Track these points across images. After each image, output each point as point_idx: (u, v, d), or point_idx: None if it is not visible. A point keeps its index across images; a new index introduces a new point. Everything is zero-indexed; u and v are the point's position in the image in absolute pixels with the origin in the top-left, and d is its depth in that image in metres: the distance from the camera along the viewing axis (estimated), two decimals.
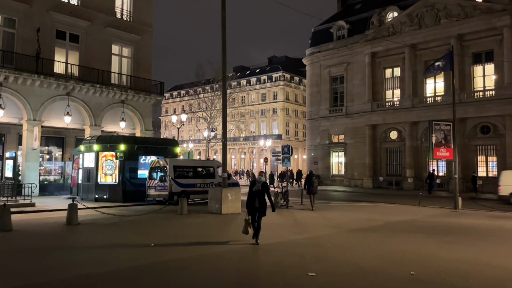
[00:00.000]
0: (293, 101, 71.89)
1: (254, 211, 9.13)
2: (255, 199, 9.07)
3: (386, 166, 35.49)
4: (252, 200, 9.10)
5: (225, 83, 15.26)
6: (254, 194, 9.13)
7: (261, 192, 9.15)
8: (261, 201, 9.16)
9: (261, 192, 9.14)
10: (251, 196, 9.18)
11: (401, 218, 14.24)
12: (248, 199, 9.23)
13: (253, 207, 9.11)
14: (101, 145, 20.48)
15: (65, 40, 24.93)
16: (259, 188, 9.15)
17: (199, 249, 8.35)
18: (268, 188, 9.38)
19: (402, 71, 34.95)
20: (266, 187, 9.30)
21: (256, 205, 9.06)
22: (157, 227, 11.65)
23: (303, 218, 13.99)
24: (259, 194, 9.11)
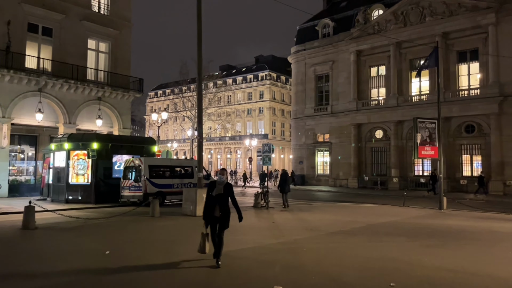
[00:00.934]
0: (280, 100, 71.32)
1: (213, 222, 7.14)
2: (215, 205, 7.03)
3: (371, 165, 35.06)
4: (211, 207, 7.07)
5: (200, 79, 14.45)
6: (214, 200, 7.09)
7: (224, 197, 7.10)
8: (223, 208, 7.07)
9: (223, 197, 7.09)
10: (210, 201, 7.13)
11: (384, 220, 13.61)
12: (206, 206, 7.18)
13: (213, 217, 7.09)
14: (73, 143, 19.43)
15: (37, 34, 23.74)
16: (221, 191, 7.10)
17: (156, 257, 7.50)
18: (233, 191, 7.30)
19: (387, 70, 34.56)
20: (230, 189, 7.22)
21: (216, 214, 7.02)
22: (121, 231, 10.78)
23: (281, 220, 13.26)
24: (221, 199, 7.08)
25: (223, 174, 7.45)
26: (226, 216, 7.16)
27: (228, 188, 7.23)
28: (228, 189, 7.22)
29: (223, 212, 7.11)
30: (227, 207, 7.19)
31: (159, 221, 12.69)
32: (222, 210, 7.08)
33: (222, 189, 7.14)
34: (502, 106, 28.02)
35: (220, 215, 7.08)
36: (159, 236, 10.04)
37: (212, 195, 7.15)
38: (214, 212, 7.05)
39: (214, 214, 7.05)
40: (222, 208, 7.08)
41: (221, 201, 7.09)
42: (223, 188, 7.15)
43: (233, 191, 7.31)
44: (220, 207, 7.05)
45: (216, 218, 7.11)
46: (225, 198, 7.15)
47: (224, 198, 7.13)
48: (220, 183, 7.24)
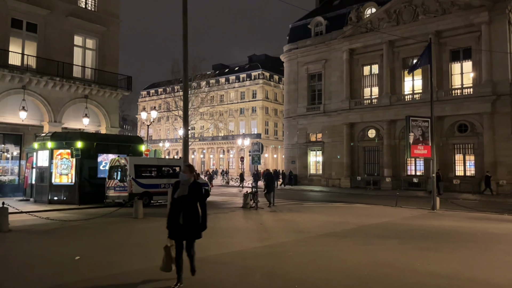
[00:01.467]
0: (273, 99, 70.89)
1: (178, 232, 5.62)
2: (180, 212, 5.57)
3: (364, 165, 34.71)
4: (175, 213, 5.60)
5: (186, 75, 13.92)
6: (178, 204, 5.61)
7: (189, 200, 5.59)
8: (190, 215, 5.58)
9: (188, 200, 5.58)
10: (173, 206, 5.69)
11: (376, 221, 13.18)
12: (170, 213, 5.75)
13: (177, 226, 5.59)
14: (56, 142, 18.81)
15: (21, 30, 23.09)
16: (185, 192, 5.59)
17: (129, 263, 6.95)
18: (201, 192, 5.79)
19: (380, 68, 34.23)
20: (196, 190, 5.67)
21: (181, 222, 5.55)
22: (100, 234, 10.23)
23: (270, 222, 12.78)
24: (185, 203, 5.57)
25: (186, 171, 5.75)
26: (191, 225, 5.55)
27: (194, 188, 5.64)
28: (195, 190, 5.65)
29: (189, 220, 5.54)
30: (194, 214, 5.61)
31: (141, 222, 12.15)
32: (187, 217, 5.54)
33: (187, 190, 5.60)
34: (495, 105, 27.79)
35: (185, 223, 5.52)
36: (138, 239, 9.50)
37: (175, 198, 5.66)
38: (179, 219, 5.56)
39: (179, 223, 5.56)
40: (186, 214, 5.54)
41: (185, 205, 5.56)
42: (187, 189, 5.60)
43: (202, 192, 5.79)
44: (185, 213, 5.54)
45: (180, 228, 5.56)
46: (191, 202, 5.60)
47: (189, 202, 5.57)
48: (184, 182, 5.66)
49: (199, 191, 5.73)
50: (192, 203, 5.62)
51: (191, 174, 5.72)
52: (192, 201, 5.62)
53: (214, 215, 14.19)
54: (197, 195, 5.68)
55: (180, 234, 5.62)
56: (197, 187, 5.73)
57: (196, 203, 5.67)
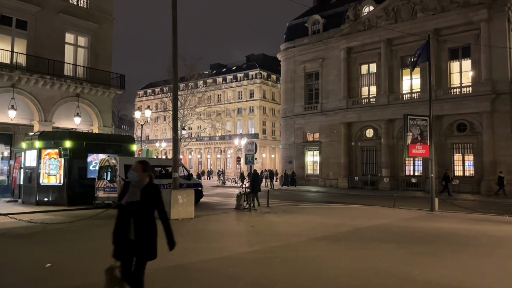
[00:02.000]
0: (270, 99, 70.41)
1: (127, 250, 4.24)
2: (129, 223, 4.22)
3: (362, 165, 34.26)
4: (123, 225, 4.25)
5: (176, 71, 13.44)
6: (126, 213, 4.26)
7: (141, 207, 4.23)
8: (143, 227, 4.22)
9: (140, 207, 4.22)
10: (121, 216, 4.30)
11: (372, 223, 12.70)
12: (116, 225, 4.33)
13: (125, 241, 4.23)
14: (44, 141, 18.26)
15: (11, 27, 22.52)
16: (136, 197, 4.23)
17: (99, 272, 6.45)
18: (159, 197, 4.40)
19: (378, 67, 33.78)
20: (153, 194, 4.31)
21: (130, 237, 4.20)
22: (81, 238, 9.72)
23: (262, 224, 12.28)
24: (136, 211, 4.21)
25: (137, 169, 4.33)
26: (144, 240, 4.17)
27: (149, 192, 4.26)
28: (150, 194, 4.26)
29: (141, 233, 4.16)
30: (149, 226, 4.21)
31: None
32: (138, 231, 4.16)
33: (139, 194, 4.21)
34: (495, 104, 27.34)
35: (136, 237, 4.15)
36: None
37: (122, 204, 4.29)
38: (128, 233, 4.18)
39: (128, 237, 4.17)
40: (138, 226, 4.16)
41: (136, 213, 4.17)
42: (140, 193, 4.21)
43: (160, 197, 4.39)
44: (135, 225, 4.16)
45: (129, 244, 4.17)
46: (144, 209, 4.20)
47: (141, 210, 4.18)
48: (135, 184, 4.30)
49: (155, 195, 4.33)
50: (146, 211, 4.23)
51: (144, 173, 4.34)
52: (146, 209, 4.23)
53: (206, 217, 13.70)
54: (153, 201, 4.29)
55: (130, 252, 4.21)
56: (153, 191, 4.32)
57: (151, 212, 4.29)
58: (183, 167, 20.14)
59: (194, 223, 12.05)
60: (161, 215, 4.40)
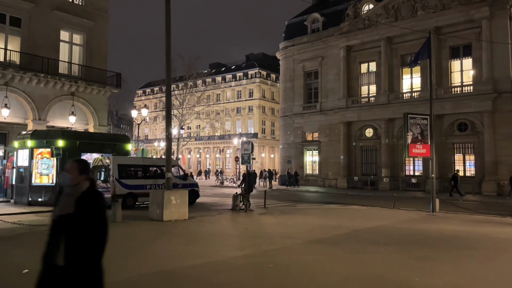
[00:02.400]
0: (270, 99, 70.00)
1: (53, 278, 3.12)
2: (58, 242, 3.15)
3: (361, 165, 33.87)
4: (51, 246, 3.21)
5: (169, 67, 13.06)
6: (56, 230, 3.23)
7: (75, 224, 3.10)
8: (75, 249, 3.07)
9: (74, 224, 3.10)
10: (50, 234, 3.28)
11: (371, 224, 12.31)
12: (46, 245, 3.27)
13: (52, 268, 3.14)
14: (36, 140, 17.90)
15: (4, 24, 22.11)
16: (70, 209, 3.14)
17: None
18: (101, 210, 3.24)
19: (378, 66, 33.38)
20: (89, 207, 3.15)
21: (57, 261, 3.11)
22: None
23: (257, 226, 11.89)
24: (69, 230, 3.12)
25: (72, 171, 3.25)
26: (78, 266, 3.07)
27: (87, 202, 3.16)
28: (88, 205, 3.15)
29: (72, 258, 3.08)
30: (86, 246, 3.09)
31: (117, 227, 11.22)
32: (69, 254, 3.09)
33: (73, 205, 3.15)
34: (496, 103, 26.94)
35: (65, 264, 3.08)
36: (115, 246, 8.59)
37: (53, 219, 3.30)
38: (54, 256, 3.14)
39: (54, 261, 3.13)
40: (69, 248, 3.09)
41: (69, 231, 3.12)
42: (74, 203, 3.15)
43: (103, 210, 3.25)
44: (66, 246, 3.11)
45: (58, 270, 3.11)
46: (80, 226, 3.08)
47: (76, 226, 3.09)
48: (70, 191, 3.24)
49: (95, 207, 3.20)
50: (83, 228, 3.09)
51: (82, 176, 3.26)
52: (82, 225, 3.09)
53: (200, 218, 13.32)
54: (92, 214, 3.15)
55: (56, 282, 3.10)
56: (92, 201, 3.21)
57: (87, 228, 3.10)
58: (179, 167, 19.76)
59: (187, 225, 11.67)
60: (98, 230, 3.14)
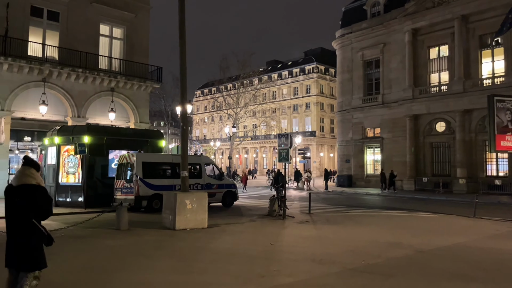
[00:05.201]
0: (328, 94, 66.17)
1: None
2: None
3: (432, 164, 29.51)
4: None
5: (184, 50, 10.90)
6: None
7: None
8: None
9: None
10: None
11: (444, 242, 9.11)
12: None
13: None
14: (63, 137, 16.77)
15: (42, 18, 21.58)
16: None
17: None
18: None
19: (450, 50, 28.85)
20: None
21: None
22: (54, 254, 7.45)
23: (288, 241, 9.24)
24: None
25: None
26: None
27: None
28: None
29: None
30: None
31: (118, 237, 9.21)
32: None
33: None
34: None
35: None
36: (91, 267, 6.54)
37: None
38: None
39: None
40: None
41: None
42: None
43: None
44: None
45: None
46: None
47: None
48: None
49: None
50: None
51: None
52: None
53: (223, 227, 10.96)
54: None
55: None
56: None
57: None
58: (213, 165, 17.63)
59: (200, 237, 9.36)
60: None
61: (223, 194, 17.07)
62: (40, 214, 3.78)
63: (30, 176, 3.80)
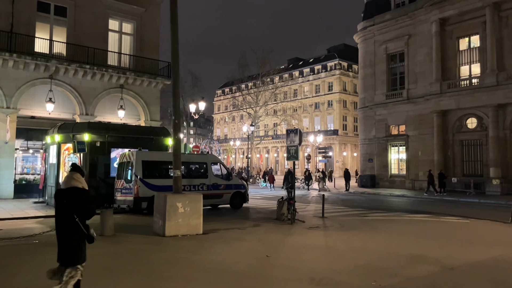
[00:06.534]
0: (351, 92, 63.97)
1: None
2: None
3: (462, 163, 27.39)
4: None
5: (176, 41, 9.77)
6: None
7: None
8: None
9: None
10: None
11: (478, 255, 7.59)
12: None
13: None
14: (63, 134, 15.99)
15: (49, 14, 21.01)
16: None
17: None
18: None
19: (482, 40, 26.68)
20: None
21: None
22: (11, 267, 6.45)
23: (288, 252, 7.90)
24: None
25: None
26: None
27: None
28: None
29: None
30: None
31: (96, 245, 8.09)
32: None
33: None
34: None
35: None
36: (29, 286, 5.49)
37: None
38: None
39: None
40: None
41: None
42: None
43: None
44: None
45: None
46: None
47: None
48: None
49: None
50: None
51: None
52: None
53: (220, 233, 9.75)
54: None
55: None
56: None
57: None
58: (221, 164, 16.47)
59: (188, 245, 8.18)
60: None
61: (231, 195, 15.89)
62: (84, 214, 4.22)
63: (76, 180, 4.29)
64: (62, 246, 4.15)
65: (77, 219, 4.11)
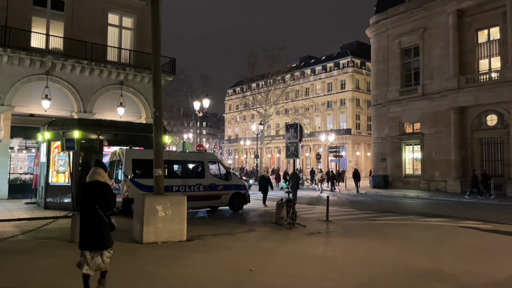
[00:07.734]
0: (365, 89, 62.28)
1: None
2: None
3: (481, 163, 25.77)
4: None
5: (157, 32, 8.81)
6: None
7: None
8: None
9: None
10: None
11: (503, 271, 6.35)
12: None
13: None
14: (53, 132, 15.15)
15: (45, 7, 20.26)
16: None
17: None
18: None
19: (502, 32, 25.07)
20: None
21: None
22: None
23: (277, 263, 6.78)
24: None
25: None
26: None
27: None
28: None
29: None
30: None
31: (59, 254, 7.17)
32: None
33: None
34: None
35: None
36: None
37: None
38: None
39: None
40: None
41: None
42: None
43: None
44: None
45: None
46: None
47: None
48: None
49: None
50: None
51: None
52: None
53: (206, 239, 8.69)
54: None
55: None
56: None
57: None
58: (219, 163, 15.40)
59: (164, 256, 7.14)
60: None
61: (230, 196, 14.83)
62: (104, 205, 4.76)
63: (99, 174, 4.84)
64: (90, 233, 4.61)
65: (99, 210, 4.62)
